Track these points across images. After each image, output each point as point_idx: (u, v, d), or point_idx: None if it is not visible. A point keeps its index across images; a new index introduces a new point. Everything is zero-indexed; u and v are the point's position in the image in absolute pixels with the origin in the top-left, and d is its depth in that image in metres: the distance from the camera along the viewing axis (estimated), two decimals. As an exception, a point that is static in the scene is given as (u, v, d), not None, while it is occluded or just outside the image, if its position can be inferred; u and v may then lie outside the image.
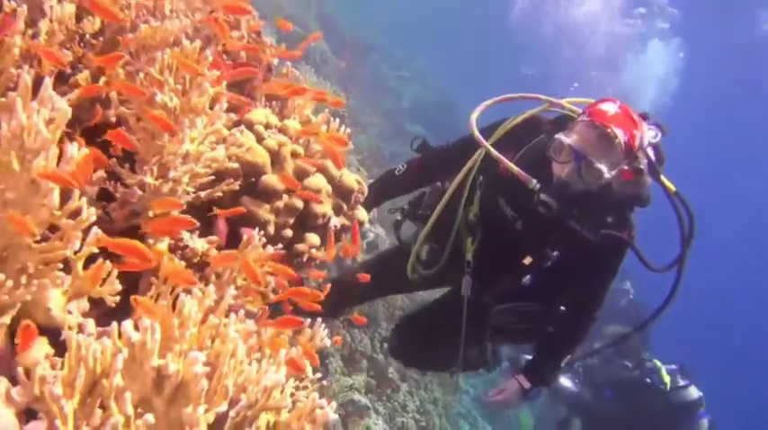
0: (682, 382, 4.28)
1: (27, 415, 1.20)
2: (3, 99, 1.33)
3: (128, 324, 1.17)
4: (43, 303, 1.30)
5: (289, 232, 2.13)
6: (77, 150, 1.23)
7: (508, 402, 2.80)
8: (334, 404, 1.30)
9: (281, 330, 1.62)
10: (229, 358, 1.21)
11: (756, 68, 18.09)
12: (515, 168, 2.35)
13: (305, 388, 1.60)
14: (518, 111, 2.64)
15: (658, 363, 4.46)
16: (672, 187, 2.49)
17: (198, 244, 1.79)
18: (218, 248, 1.85)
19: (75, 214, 1.21)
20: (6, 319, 1.21)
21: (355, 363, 5.90)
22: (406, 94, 13.42)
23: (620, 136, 2.22)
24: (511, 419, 8.77)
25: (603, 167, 2.24)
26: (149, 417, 1.08)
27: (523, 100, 2.67)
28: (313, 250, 2.20)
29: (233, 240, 1.90)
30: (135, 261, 1.32)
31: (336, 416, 1.38)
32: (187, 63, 1.56)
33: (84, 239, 1.30)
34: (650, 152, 2.36)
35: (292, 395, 1.38)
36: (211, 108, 1.69)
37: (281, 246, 1.89)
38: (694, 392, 4.22)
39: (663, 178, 2.46)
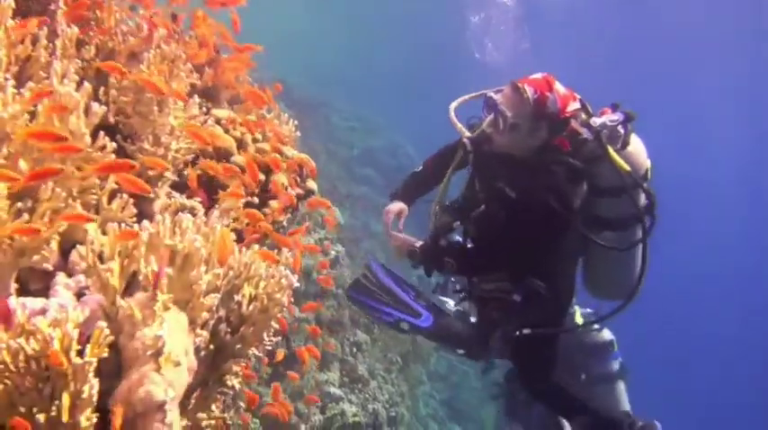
0: (596, 326, 4.44)
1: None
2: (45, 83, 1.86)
3: (146, 222, 1.70)
4: (82, 226, 1.82)
5: (255, 200, 2.67)
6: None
7: (397, 245, 2.85)
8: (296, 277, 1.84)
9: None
10: (218, 241, 1.75)
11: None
12: (458, 124, 2.72)
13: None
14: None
15: (575, 307, 4.73)
16: (626, 167, 2.53)
17: (186, 201, 2.32)
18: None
19: (102, 149, 1.75)
20: (59, 229, 1.72)
21: (328, 364, 6.37)
22: (356, 142, 14.22)
23: (529, 92, 2.46)
24: (476, 420, 9.31)
25: (512, 117, 2.48)
26: (164, 279, 1.60)
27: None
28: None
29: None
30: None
31: (298, 284, 1.90)
32: (170, 60, 2.13)
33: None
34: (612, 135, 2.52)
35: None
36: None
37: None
38: (607, 335, 4.47)
39: (615, 156, 2.52)
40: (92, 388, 1.37)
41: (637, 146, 2.68)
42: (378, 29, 26.94)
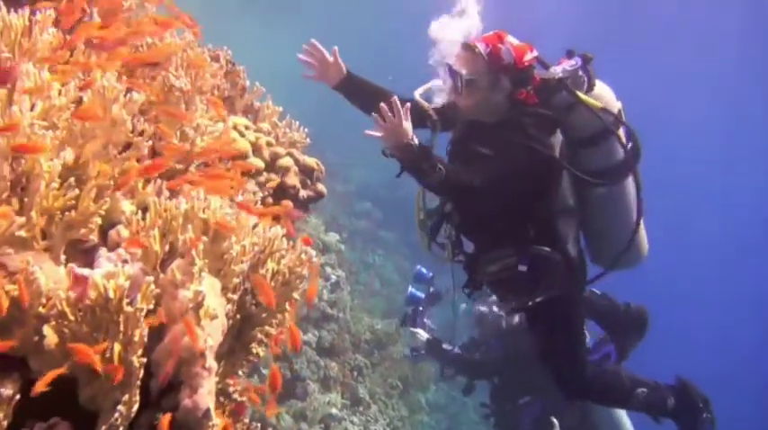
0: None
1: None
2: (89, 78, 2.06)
3: (182, 197, 1.88)
4: (119, 207, 1.99)
5: (269, 199, 2.85)
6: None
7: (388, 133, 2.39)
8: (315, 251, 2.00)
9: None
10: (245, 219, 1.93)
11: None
12: (424, 103, 2.73)
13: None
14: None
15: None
16: (597, 104, 2.56)
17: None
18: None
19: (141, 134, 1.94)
20: (102, 212, 1.89)
21: (329, 388, 6.46)
22: (354, 177, 14.46)
23: (480, 47, 2.50)
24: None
25: (467, 74, 2.50)
26: (200, 244, 1.77)
27: None
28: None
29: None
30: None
31: (316, 258, 2.06)
32: (195, 60, 2.33)
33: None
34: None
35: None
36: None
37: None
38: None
39: (587, 99, 2.55)
40: (142, 332, 1.52)
41: (603, 88, 2.68)
42: (370, 55, 27.34)
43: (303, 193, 3.00)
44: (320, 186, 3.10)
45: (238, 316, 1.94)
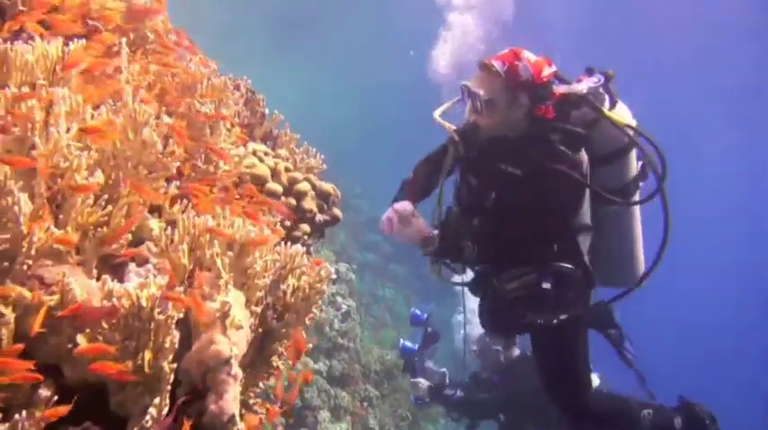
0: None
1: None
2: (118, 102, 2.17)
3: (208, 216, 1.97)
4: (147, 225, 2.08)
5: (287, 222, 2.94)
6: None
7: (411, 231, 2.68)
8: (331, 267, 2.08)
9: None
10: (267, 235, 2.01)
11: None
12: (446, 123, 2.66)
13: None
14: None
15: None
16: (622, 120, 2.51)
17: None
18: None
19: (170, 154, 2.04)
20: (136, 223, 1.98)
21: (340, 417, 6.46)
22: (364, 208, 14.57)
23: (497, 65, 2.45)
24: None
25: (486, 94, 2.46)
26: (226, 259, 1.86)
27: None
28: (305, 236, 3.00)
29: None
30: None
31: (335, 275, 2.14)
32: (216, 90, 2.45)
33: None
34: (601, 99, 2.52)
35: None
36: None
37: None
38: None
39: (611, 115, 2.51)
40: (173, 339, 1.60)
41: (622, 106, 2.64)
42: (379, 92, 27.41)
43: (319, 217, 3.09)
44: (336, 211, 3.19)
45: (260, 329, 2.02)
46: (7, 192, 1.68)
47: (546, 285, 2.58)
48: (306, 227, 3.01)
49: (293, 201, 2.95)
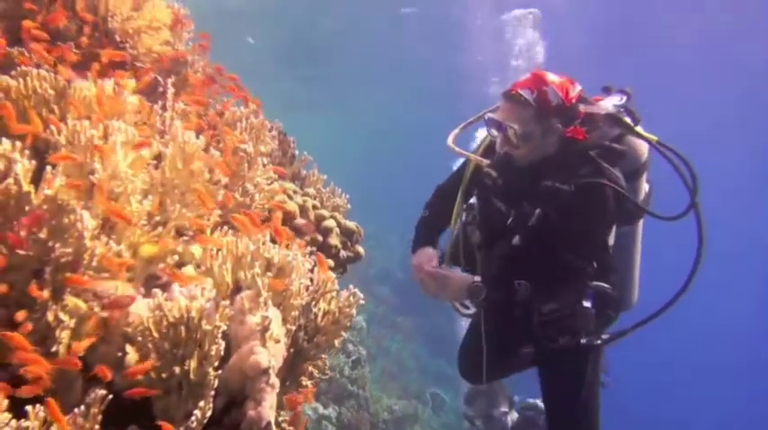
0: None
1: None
2: (174, 135, 2.35)
3: (247, 239, 2.12)
4: (189, 251, 2.23)
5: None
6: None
7: (441, 287, 2.61)
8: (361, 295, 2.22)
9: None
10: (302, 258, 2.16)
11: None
12: (473, 155, 2.60)
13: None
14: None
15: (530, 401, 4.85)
16: (652, 137, 2.48)
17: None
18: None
19: (215, 183, 2.21)
20: (175, 258, 2.13)
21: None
22: (376, 260, 14.68)
23: (526, 94, 2.38)
24: None
25: (521, 127, 2.39)
26: (265, 279, 2.00)
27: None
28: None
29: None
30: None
31: (363, 302, 2.27)
32: (255, 129, 2.64)
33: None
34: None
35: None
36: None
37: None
38: None
39: (639, 130, 2.48)
40: (219, 347, 1.73)
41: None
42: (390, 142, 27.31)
43: (343, 253, 3.23)
44: (359, 248, 3.33)
45: (292, 349, 2.14)
46: (70, 210, 1.84)
47: (586, 304, 2.49)
48: (330, 262, 3.14)
49: (320, 238, 3.09)
